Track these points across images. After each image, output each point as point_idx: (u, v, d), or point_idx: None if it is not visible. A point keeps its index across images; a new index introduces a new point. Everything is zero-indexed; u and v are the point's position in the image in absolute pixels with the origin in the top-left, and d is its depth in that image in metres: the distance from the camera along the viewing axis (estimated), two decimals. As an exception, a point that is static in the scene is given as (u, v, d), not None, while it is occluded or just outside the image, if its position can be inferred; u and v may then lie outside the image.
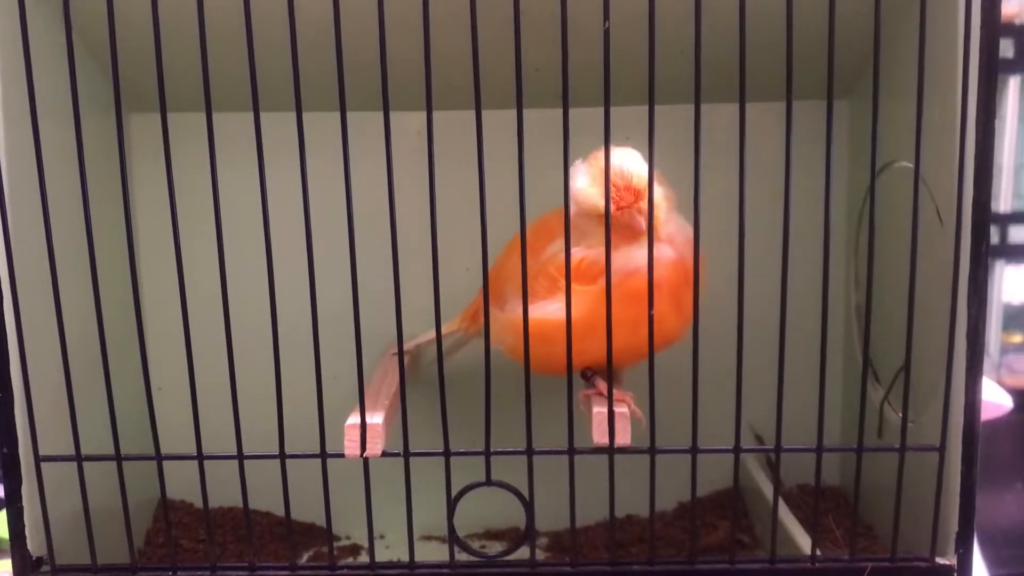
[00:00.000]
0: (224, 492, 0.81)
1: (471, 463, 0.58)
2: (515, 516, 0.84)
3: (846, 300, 0.84)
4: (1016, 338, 2.10)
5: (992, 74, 0.55)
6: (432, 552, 0.82)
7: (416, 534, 0.61)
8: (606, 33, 0.52)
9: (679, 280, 0.61)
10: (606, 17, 0.51)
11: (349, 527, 0.85)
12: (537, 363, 0.58)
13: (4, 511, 0.62)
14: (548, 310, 0.61)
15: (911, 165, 0.65)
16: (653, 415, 0.57)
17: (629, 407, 0.59)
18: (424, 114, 0.53)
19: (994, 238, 2.04)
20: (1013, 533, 1.19)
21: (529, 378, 0.57)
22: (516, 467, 0.59)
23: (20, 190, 0.58)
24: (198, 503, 0.86)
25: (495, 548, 0.84)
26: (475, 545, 0.84)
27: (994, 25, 0.54)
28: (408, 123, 0.70)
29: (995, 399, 0.95)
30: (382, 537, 0.85)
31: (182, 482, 0.81)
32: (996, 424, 0.97)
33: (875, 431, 0.76)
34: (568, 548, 0.81)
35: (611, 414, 0.57)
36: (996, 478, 1.36)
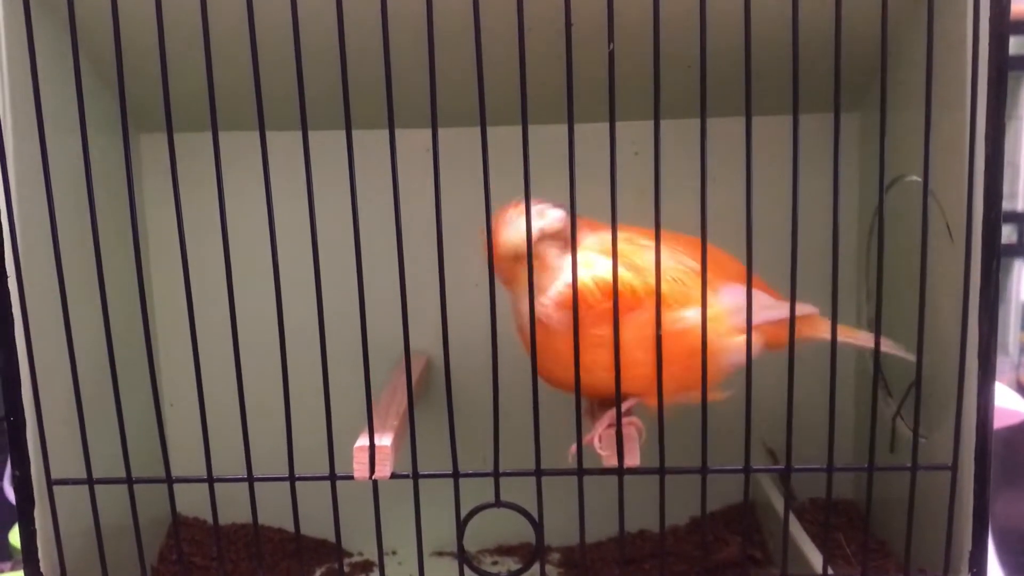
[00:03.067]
0: (236, 508, 0.82)
1: (482, 479, 0.58)
2: (527, 532, 0.83)
3: (857, 313, 0.83)
4: (1034, 337, 2.08)
5: (1002, 86, 0.54)
6: (444, 568, 0.82)
7: (428, 550, 0.61)
8: (611, 55, 0.51)
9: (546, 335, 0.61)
10: (610, 39, 0.51)
11: (362, 543, 0.85)
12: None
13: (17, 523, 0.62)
14: None
15: (921, 179, 0.65)
16: (662, 433, 0.57)
17: (636, 427, 0.59)
18: (430, 131, 0.53)
19: (1011, 237, 2.01)
20: (1033, 539, 1.18)
21: (537, 397, 0.56)
22: (527, 484, 0.58)
23: (29, 212, 0.59)
24: (211, 520, 0.86)
25: (507, 564, 0.84)
26: (487, 561, 0.84)
27: (1003, 37, 0.54)
28: (415, 140, 0.70)
29: (1011, 406, 0.94)
30: (394, 553, 0.85)
31: (195, 499, 0.81)
32: (1014, 426, 0.96)
33: (888, 444, 0.75)
34: (579, 564, 0.81)
35: (619, 435, 0.57)
36: (1015, 483, 1.35)
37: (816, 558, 0.66)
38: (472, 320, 0.74)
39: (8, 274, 0.57)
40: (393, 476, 0.58)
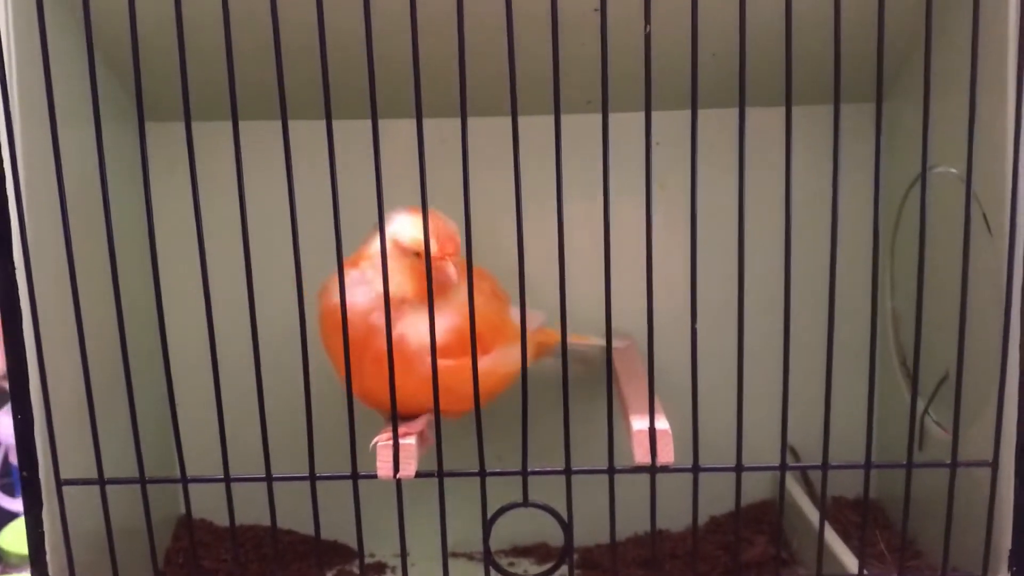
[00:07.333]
0: (246, 510, 0.79)
1: (502, 478, 0.57)
2: (544, 532, 0.82)
3: (881, 305, 0.82)
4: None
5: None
6: (460, 569, 0.80)
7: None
8: (647, 38, 0.50)
9: (453, 348, 0.60)
10: (647, 21, 0.49)
11: (373, 545, 0.83)
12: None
13: (21, 524, 0.60)
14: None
15: (953, 170, 0.63)
16: (696, 432, 0.55)
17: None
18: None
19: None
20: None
21: (568, 396, 0.55)
22: (548, 483, 0.56)
23: (39, 206, 0.56)
24: (218, 521, 0.84)
25: (523, 565, 0.82)
26: (504, 562, 0.82)
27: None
28: (430, 130, 0.68)
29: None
30: (407, 554, 0.83)
31: (203, 500, 0.79)
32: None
33: (917, 441, 0.74)
34: (599, 565, 0.80)
35: (652, 431, 0.55)
36: None
37: (846, 556, 0.64)
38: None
39: (17, 268, 0.55)
40: (418, 475, 0.57)
